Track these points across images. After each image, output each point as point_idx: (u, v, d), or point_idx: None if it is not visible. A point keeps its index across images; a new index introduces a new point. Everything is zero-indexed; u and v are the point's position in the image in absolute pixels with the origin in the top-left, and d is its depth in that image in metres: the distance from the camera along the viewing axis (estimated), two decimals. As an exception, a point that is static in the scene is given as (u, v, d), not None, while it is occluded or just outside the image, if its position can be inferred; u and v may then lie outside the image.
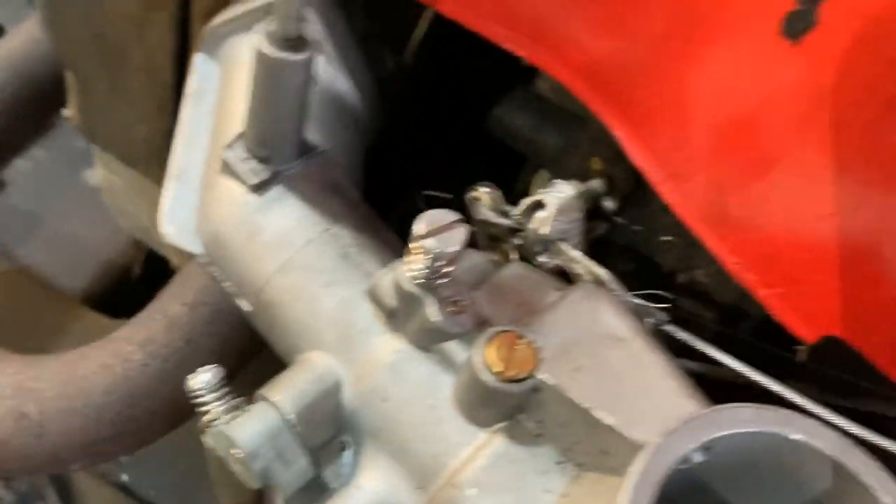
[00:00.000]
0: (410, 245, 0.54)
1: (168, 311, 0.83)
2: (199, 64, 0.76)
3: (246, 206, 0.65)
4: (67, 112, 1.04)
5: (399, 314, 0.59)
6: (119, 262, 1.45)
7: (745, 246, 0.59)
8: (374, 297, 0.60)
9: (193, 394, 0.61)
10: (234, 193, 0.65)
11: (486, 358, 0.54)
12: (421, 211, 0.78)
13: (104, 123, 0.99)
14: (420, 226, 0.54)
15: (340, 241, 0.64)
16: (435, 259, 0.54)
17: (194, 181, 0.70)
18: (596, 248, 0.73)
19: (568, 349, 0.56)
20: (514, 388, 0.54)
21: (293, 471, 0.59)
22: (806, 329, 0.58)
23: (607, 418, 0.51)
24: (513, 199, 0.95)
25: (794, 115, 0.55)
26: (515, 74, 0.89)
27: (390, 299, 0.58)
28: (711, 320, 0.74)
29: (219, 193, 0.66)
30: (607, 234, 0.73)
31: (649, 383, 0.54)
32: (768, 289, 0.58)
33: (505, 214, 0.71)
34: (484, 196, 0.71)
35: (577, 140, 0.81)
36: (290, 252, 0.63)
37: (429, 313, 0.56)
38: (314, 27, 0.72)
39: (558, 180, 0.68)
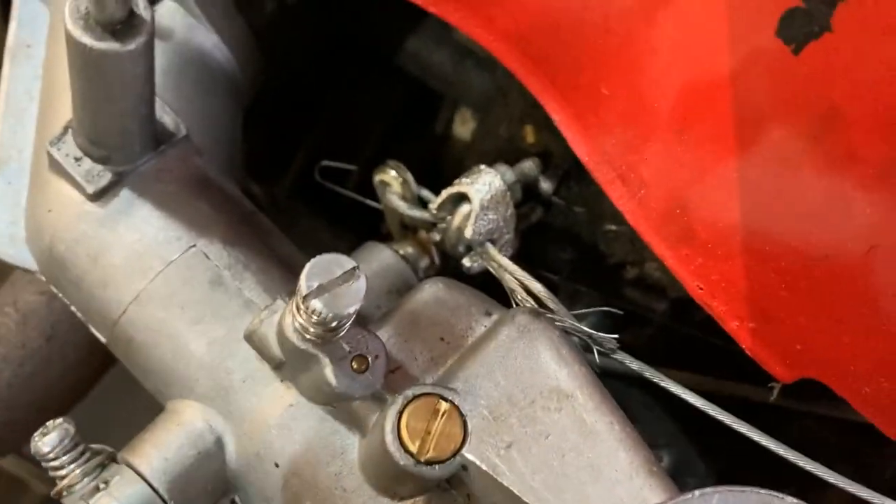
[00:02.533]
0: (298, 301, 0.41)
1: (20, 302, 0.68)
2: (22, 7, 0.58)
3: (86, 219, 0.50)
4: None
5: (288, 366, 0.47)
6: None
7: (711, 271, 0.48)
8: (254, 345, 0.47)
9: (42, 458, 0.49)
10: (69, 200, 0.51)
11: (401, 434, 0.43)
12: (318, 184, 0.64)
13: None
14: (306, 281, 0.41)
15: (210, 261, 0.50)
16: (327, 322, 0.42)
17: (22, 172, 0.55)
18: (530, 234, 0.62)
19: (500, 415, 0.45)
20: (436, 471, 0.44)
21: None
22: (782, 370, 0.48)
23: (549, 517, 0.42)
24: (430, 140, 0.82)
25: (774, 100, 0.43)
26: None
27: (274, 350, 0.46)
28: (662, 314, 0.64)
29: (50, 198, 0.51)
30: (544, 217, 0.61)
31: (600, 462, 0.44)
32: (739, 321, 0.48)
33: (421, 203, 0.58)
34: (393, 180, 0.58)
35: (506, 85, 0.67)
36: (145, 279, 0.50)
37: (325, 374, 0.44)
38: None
39: (483, 167, 0.55)
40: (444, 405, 0.44)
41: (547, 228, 0.63)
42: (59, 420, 0.49)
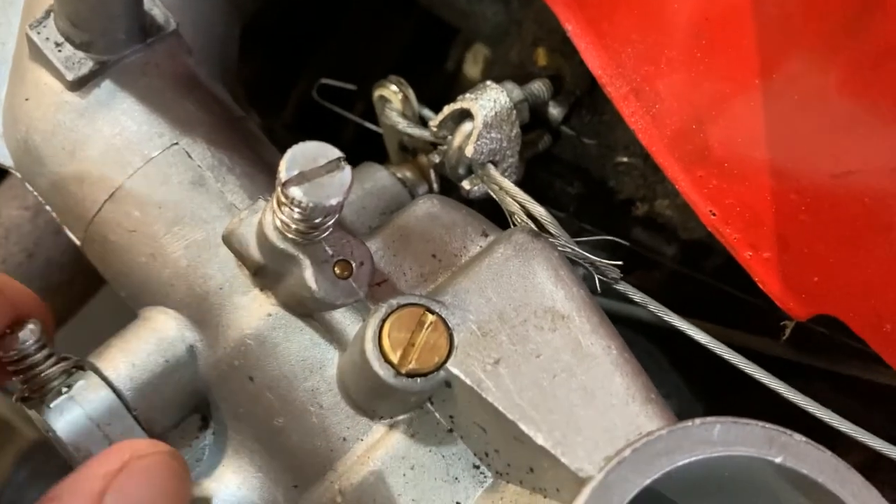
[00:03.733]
0: (278, 194, 0.38)
1: (3, 216, 0.66)
2: None
3: (64, 109, 0.47)
4: None
5: (266, 272, 0.44)
6: None
7: (726, 194, 0.45)
8: (232, 248, 0.44)
9: (6, 357, 0.46)
10: (48, 89, 0.48)
11: (382, 343, 0.40)
12: (318, 105, 0.61)
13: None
14: (287, 168, 0.38)
15: (193, 160, 0.47)
16: (308, 214, 0.39)
17: (3, 64, 0.52)
18: (536, 166, 0.58)
19: (489, 331, 0.42)
20: (417, 384, 0.41)
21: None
22: (797, 305, 0.45)
23: (537, 436, 0.39)
24: (439, 79, 0.79)
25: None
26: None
27: (254, 253, 0.43)
28: (671, 258, 0.61)
29: (28, 87, 0.49)
30: (551, 147, 0.58)
31: (594, 385, 0.41)
32: (753, 251, 0.45)
33: (422, 121, 0.55)
34: (393, 96, 0.55)
35: (520, 15, 0.64)
36: (123, 174, 0.47)
37: (305, 277, 0.41)
38: None
39: (489, 83, 0.52)
40: (430, 317, 0.41)
41: (554, 161, 0.59)
42: (28, 321, 0.47)
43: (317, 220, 0.39)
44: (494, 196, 0.51)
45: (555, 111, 0.56)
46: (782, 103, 0.41)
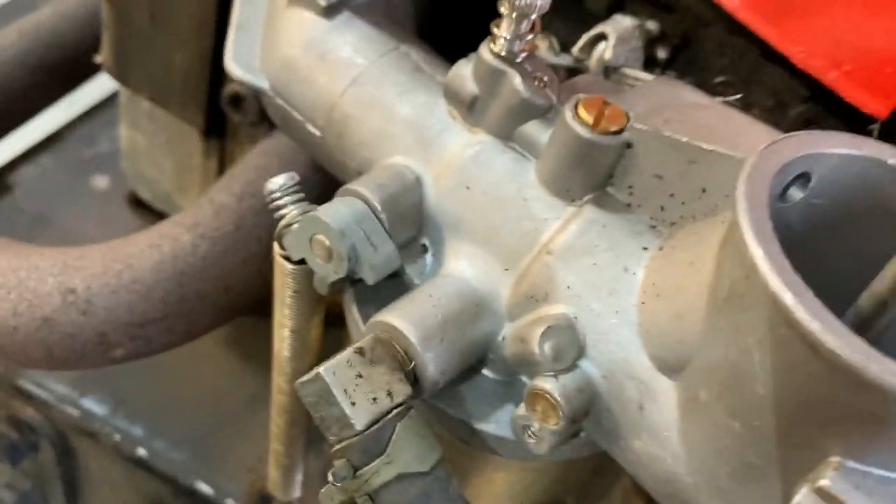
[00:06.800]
0: (500, 3, 0.55)
1: (215, 200, 0.81)
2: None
3: (316, 28, 0.66)
4: (99, 56, 1.05)
5: (479, 101, 0.59)
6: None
7: (807, 33, 0.60)
8: (451, 89, 0.60)
9: (270, 196, 0.60)
10: (303, 18, 0.66)
11: (578, 113, 0.54)
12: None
13: (139, 58, 1.00)
14: (507, -18, 0.55)
15: (411, 57, 0.65)
16: (523, 13, 0.55)
17: (255, 31, 0.71)
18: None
19: (655, 110, 0.56)
20: (609, 140, 0.54)
21: (381, 254, 0.57)
22: (876, 103, 0.59)
23: (707, 146, 0.51)
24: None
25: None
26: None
27: (469, 85, 0.59)
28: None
29: (286, 23, 0.67)
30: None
31: (741, 129, 0.54)
32: (836, 69, 0.60)
33: (565, 53, 0.72)
34: (540, 42, 0.73)
35: None
36: (362, 66, 0.64)
37: (515, 84, 0.57)
38: None
39: (616, 14, 0.70)
40: (608, 104, 0.56)
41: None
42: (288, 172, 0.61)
43: (525, 26, 0.55)
44: (629, 89, 0.67)
45: (661, 53, 0.74)
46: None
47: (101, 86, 1.42)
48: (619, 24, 0.69)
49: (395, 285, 0.60)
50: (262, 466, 0.85)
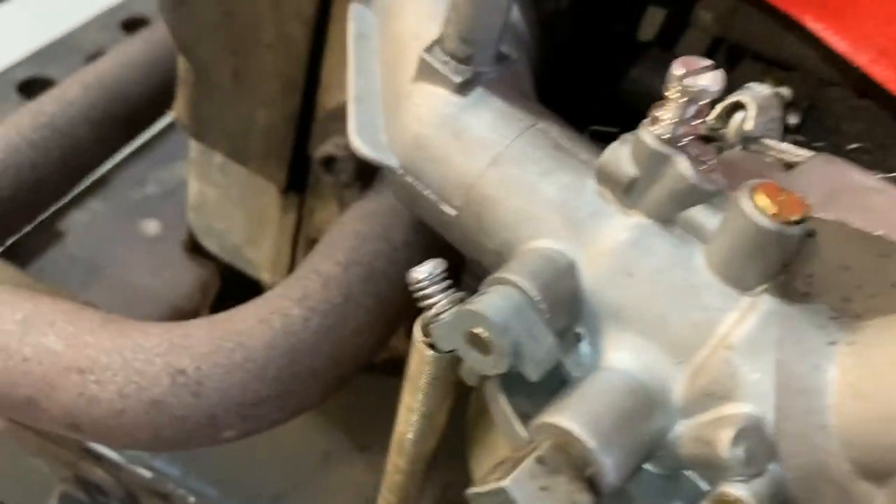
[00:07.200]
0: (668, 87, 0.53)
1: (321, 269, 0.78)
2: (356, 12, 0.76)
3: (450, 106, 0.63)
4: (174, 112, 1.02)
5: (638, 184, 0.56)
6: (185, 307, 1.40)
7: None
8: (605, 172, 0.57)
9: (417, 285, 0.58)
10: (435, 95, 0.64)
11: (755, 201, 0.52)
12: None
13: (219, 115, 0.98)
14: (677, 67, 0.52)
15: (550, 134, 0.62)
16: (692, 100, 0.52)
17: (374, 106, 0.69)
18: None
19: (831, 196, 0.54)
20: (791, 230, 0.51)
21: (543, 348, 0.54)
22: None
23: (906, 240, 0.49)
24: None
25: None
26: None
27: (628, 167, 0.56)
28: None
29: (417, 99, 0.65)
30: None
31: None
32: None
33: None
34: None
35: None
36: (501, 145, 0.61)
37: (681, 169, 0.54)
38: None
39: (751, 83, 0.67)
40: (783, 190, 0.53)
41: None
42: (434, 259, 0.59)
43: (691, 111, 0.53)
44: (773, 159, 0.65)
45: (792, 119, 0.72)
46: None
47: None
48: (758, 93, 0.66)
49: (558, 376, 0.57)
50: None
